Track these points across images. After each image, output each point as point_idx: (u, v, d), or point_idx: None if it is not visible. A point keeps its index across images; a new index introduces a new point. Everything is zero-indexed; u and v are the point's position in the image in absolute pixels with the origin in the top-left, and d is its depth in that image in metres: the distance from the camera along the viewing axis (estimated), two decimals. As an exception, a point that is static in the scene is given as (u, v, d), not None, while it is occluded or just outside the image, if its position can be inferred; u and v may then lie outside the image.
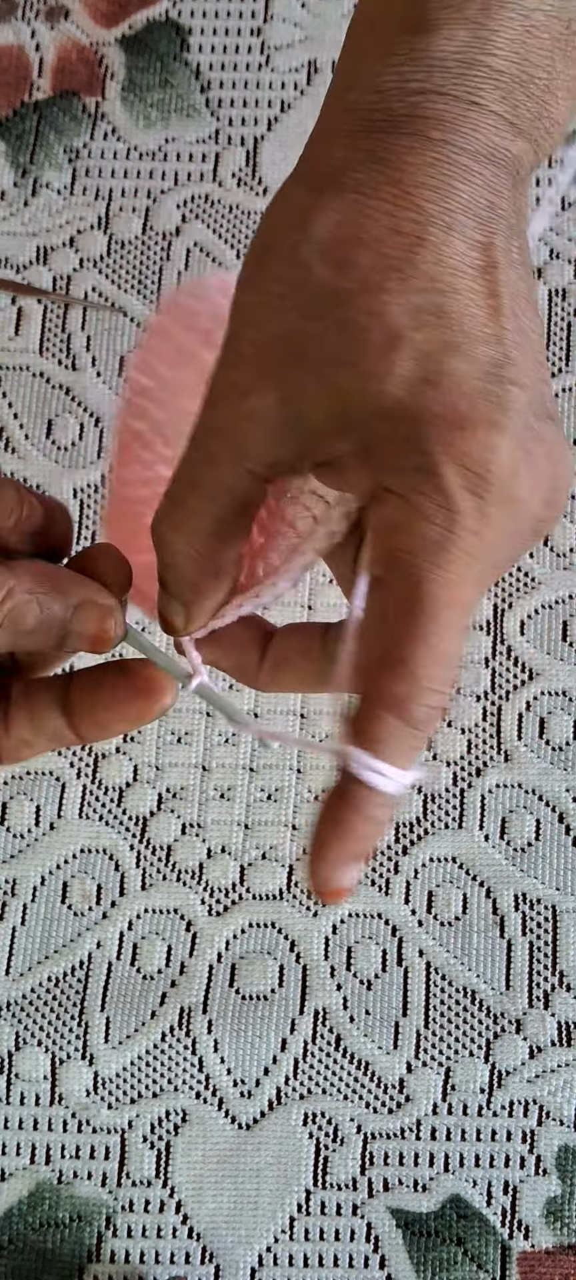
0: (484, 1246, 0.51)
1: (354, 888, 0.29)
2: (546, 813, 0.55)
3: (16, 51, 0.67)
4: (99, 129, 0.66)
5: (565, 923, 0.54)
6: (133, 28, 0.68)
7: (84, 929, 0.55)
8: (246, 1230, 0.52)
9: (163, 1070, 0.54)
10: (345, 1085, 0.53)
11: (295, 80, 0.66)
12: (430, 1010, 0.54)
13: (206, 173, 0.65)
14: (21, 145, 0.66)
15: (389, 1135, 0.53)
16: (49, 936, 0.55)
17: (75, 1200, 0.53)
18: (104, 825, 0.56)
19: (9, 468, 0.60)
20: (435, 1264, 0.51)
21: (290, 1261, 0.52)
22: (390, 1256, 0.51)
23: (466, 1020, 0.54)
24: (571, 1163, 0.52)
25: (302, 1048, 0.54)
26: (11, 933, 0.55)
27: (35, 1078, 0.54)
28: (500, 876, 0.55)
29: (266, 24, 0.67)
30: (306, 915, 0.55)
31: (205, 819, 0.56)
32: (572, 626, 0.58)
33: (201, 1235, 0.52)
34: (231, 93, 0.66)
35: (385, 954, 0.54)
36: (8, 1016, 0.54)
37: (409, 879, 0.55)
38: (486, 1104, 0.53)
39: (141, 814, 0.56)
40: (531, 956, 0.54)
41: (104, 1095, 0.53)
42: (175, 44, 0.67)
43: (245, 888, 0.55)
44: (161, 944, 0.55)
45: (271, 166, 0.64)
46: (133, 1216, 0.52)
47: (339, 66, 0.30)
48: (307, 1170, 0.53)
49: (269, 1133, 0.53)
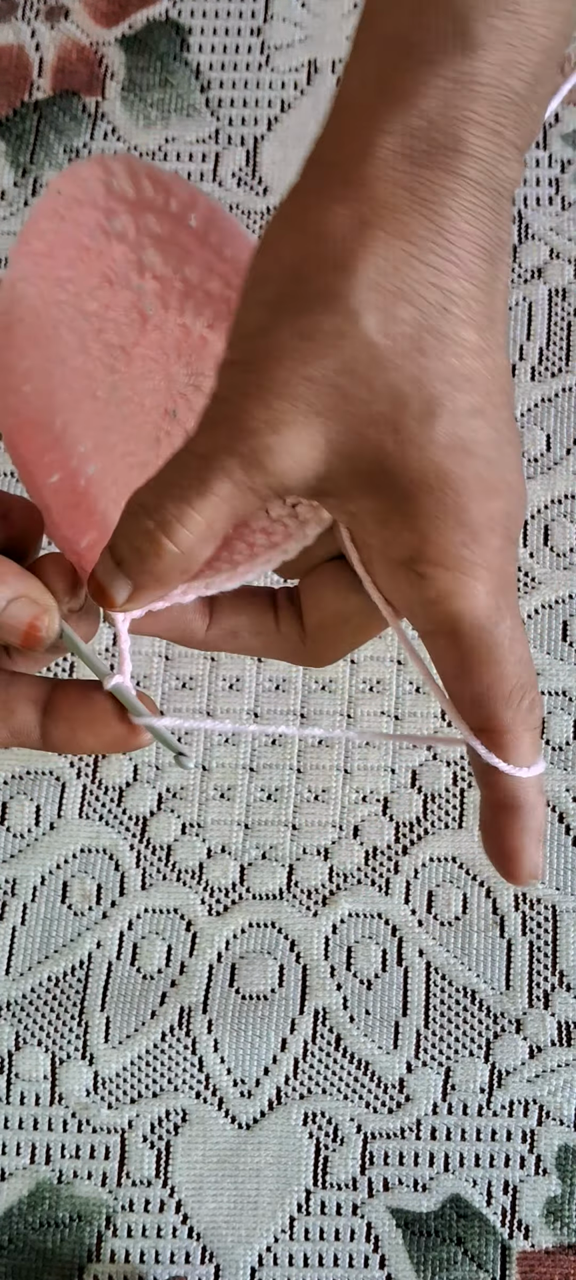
0: (484, 1246, 0.51)
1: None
2: (546, 812, 0.55)
3: (16, 51, 0.68)
4: (99, 129, 0.66)
5: (565, 923, 0.54)
6: (133, 28, 0.68)
7: (84, 929, 0.55)
8: (246, 1230, 0.52)
9: (163, 1070, 0.54)
10: (345, 1085, 0.53)
11: (295, 80, 0.66)
12: (430, 1010, 0.54)
13: (206, 173, 0.65)
14: (21, 145, 0.66)
15: (389, 1135, 0.53)
16: (49, 936, 0.55)
17: (75, 1200, 0.53)
18: (104, 825, 0.56)
19: (9, 467, 0.60)
20: (435, 1264, 0.51)
21: (290, 1261, 0.52)
22: (390, 1256, 0.52)
23: (466, 1020, 0.54)
24: (571, 1163, 0.52)
25: (302, 1048, 0.54)
26: (11, 933, 0.55)
27: (35, 1077, 0.54)
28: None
29: (266, 24, 0.67)
30: (306, 915, 0.55)
31: (205, 819, 0.56)
32: (572, 626, 0.58)
33: (201, 1235, 0.52)
34: (231, 93, 0.66)
35: (385, 954, 0.54)
36: (8, 1016, 0.54)
37: (409, 879, 0.55)
38: (486, 1104, 0.53)
39: (141, 814, 0.56)
40: (531, 956, 0.54)
41: (104, 1095, 0.54)
42: (175, 44, 0.67)
43: (245, 887, 0.55)
44: (161, 944, 0.55)
45: (271, 166, 0.64)
46: (133, 1216, 0.52)
47: (370, 63, 0.29)
48: (307, 1170, 0.53)
49: (269, 1133, 0.53)
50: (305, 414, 0.28)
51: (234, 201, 0.64)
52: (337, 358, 0.28)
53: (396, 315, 0.28)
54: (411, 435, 0.28)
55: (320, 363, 0.28)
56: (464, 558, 0.29)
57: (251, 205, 0.64)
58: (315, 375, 0.28)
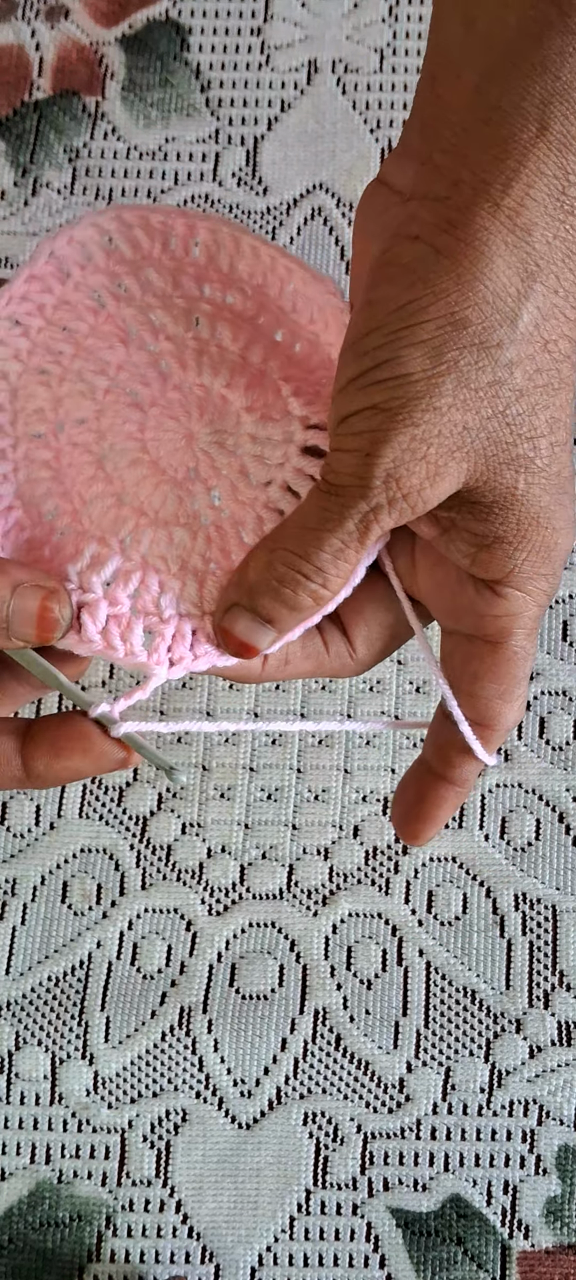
0: (484, 1246, 0.51)
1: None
2: (546, 812, 0.55)
3: (16, 51, 0.68)
4: (99, 129, 0.66)
5: (565, 923, 0.54)
6: (133, 27, 0.68)
7: (84, 929, 0.55)
8: (246, 1230, 0.52)
9: (163, 1070, 0.54)
10: (345, 1085, 0.53)
11: (295, 80, 0.66)
12: (430, 1010, 0.54)
13: (206, 172, 0.65)
14: (21, 145, 0.66)
15: (389, 1135, 0.53)
16: (49, 936, 0.55)
17: (75, 1200, 0.53)
18: (104, 825, 0.56)
19: None
20: (435, 1263, 0.51)
21: (290, 1261, 0.52)
22: (390, 1256, 0.52)
23: (466, 1020, 0.54)
24: (571, 1163, 0.52)
25: (302, 1047, 0.54)
26: (11, 932, 0.55)
27: (35, 1077, 0.54)
28: (500, 876, 0.55)
29: (266, 24, 0.67)
30: (306, 915, 0.55)
31: (205, 819, 0.56)
32: (572, 626, 0.58)
33: (201, 1235, 0.52)
34: (231, 92, 0.66)
35: (385, 954, 0.54)
36: (8, 1016, 0.54)
37: (409, 879, 0.55)
38: (486, 1104, 0.53)
39: (141, 813, 0.56)
40: (531, 956, 0.54)
41: (104, 1095, 0.54)
42: (175, 44, 0.67)
43: (245, 887, 0.55)
44: (161, 944, 0.55)
45: (271, 166, 0.64)
46: (133, 1216, 0.52)
47: (529, 90, 0.27)
48: (307, 1170, 0.53)
49: (269, 1132, 0.53)
50: (458, 461, 0.29)
51: (234, 201, 0.64)
52: (493, 406, 0.28)
53: (541, 366, 0.29)
54: (540, 477, 0.30)
55: (477, 411, 0.28)
56: (540, 587, 0.32)
57: (251, 205, 0.64)
58: (471, 424, 0.28)
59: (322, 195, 0.64)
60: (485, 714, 0.34)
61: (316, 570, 0.31)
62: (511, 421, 0.29)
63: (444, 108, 0.29)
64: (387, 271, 0.29)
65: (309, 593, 0.31)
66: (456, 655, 0.34)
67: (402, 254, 0.29)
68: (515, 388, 0.28)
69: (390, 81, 0.65)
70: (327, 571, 0.31)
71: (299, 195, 0.64)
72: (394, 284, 0.29)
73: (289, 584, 0.31)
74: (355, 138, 0.65)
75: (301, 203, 0.63)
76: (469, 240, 0.28)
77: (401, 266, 0.29)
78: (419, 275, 0.28)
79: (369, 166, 0.64)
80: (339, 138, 0.65)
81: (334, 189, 0.64)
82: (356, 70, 0.66)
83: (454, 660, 0.34)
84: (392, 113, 0.65)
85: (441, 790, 0.36)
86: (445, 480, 0.29)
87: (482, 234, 0.28)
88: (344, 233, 0.63)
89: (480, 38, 0.28)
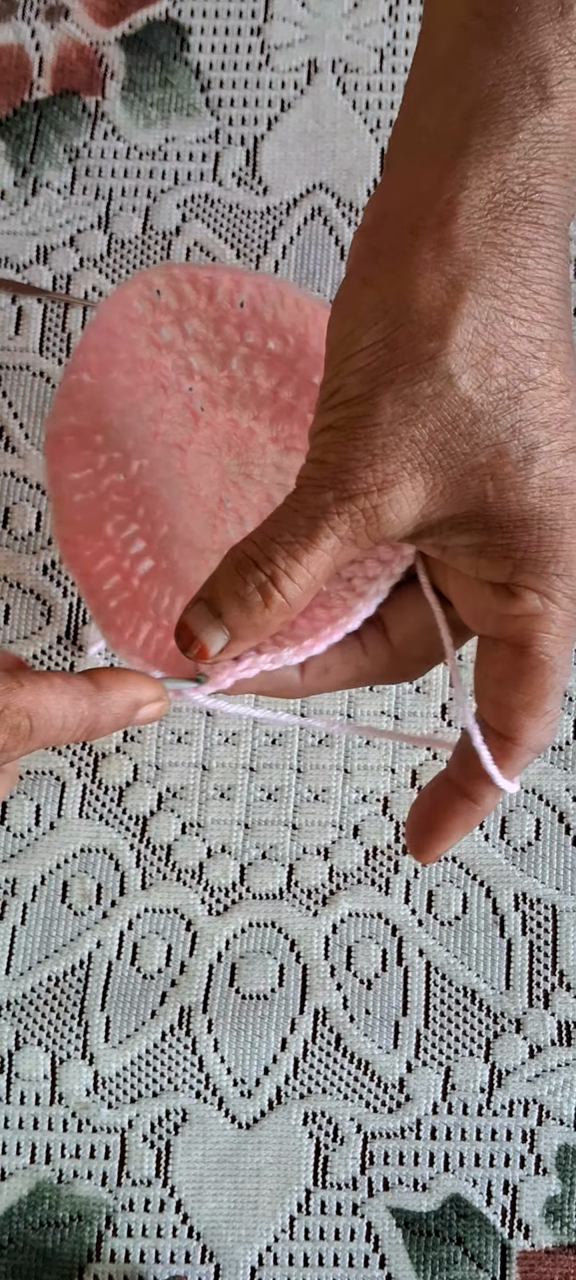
0: (484, 1246, 0.51)
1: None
2: (546, 812, 0.55)
3: (16, 51, 0.68)
4: (99, 128, 0.66)
5: (565, 922, 0.54)
6: (133, 27, 0.68)
7: (84, 928, 0.55)
8: (246, 1230, 0.52)
9: (163, 1070, 0.54)
10: (345, 1085, 0.53)
11: (295, 80, 0.66)
12: (430, 1010, 0.54)
13: (206, 172, 0.65)
14: (21, 145, 0.66)
15: (389, 1135, 0.53)
16: (49, 936, 0.55)
17: (75, 1200, 0.53)
18: (104, 825, 0.56)
19: (9, 467, 0.60)
20: (435, 1263, 0.51)
21: (290, 1261, 0.52)
22: (390, 1256, 0.52)
23: (466, 1020, 0.54)
24: (571, 1162, 0.52)
25: (302, 1047, 0.54)
26: (11, 932, 0.55)
27: (35, 1077, 0.54)
28: (500, 876, 0.55)
29: (266, 24, 0.67)
30: (306, 915, 0.55)
31: (205, 818, 0.56)
32: (572, 626, 0.58)
33: (201, 1235, 0.52)
34: (231, 92, 0.66)
35: (385, 954, 0.54)
36: (8, 1016, 0.54)
37: (409, 878, 0.55)
38: (486, 1103, 0.53)
39: (141, 813, 0.56)
40: (531, 956, 0.54)
41: (104, 1095, 0.54)
42: (175, 44, 0.67)
43: (245, 887, 0.55)
44: (161, 943, 0.55)
45: (271, 166, 0.64)
46: (133, 1216, 0.52)
47: (447, 117, 0.29)
48: (307, 1170, 0.53)
49: (269, 1132, 0.53)
50: (410, 472, 0.30)
51: (234, 201, 0.64)
52: (438, 418, 0.29)
53: (491, 370, 0.29)
54: (511, 481, 0.30)
55: (422, 425, 0.29)
56: (555, 585, 0.31)
57: (251, 205, 0.64)
58: (418, 436, 0.29)
59: (322, 195, 0.64)
60: (508, 724, 0.34)
61: (266, 560, 0.31)
62: (464, 432, 0.29)
63: (390, 141, 0.32)
64: (335, 309, 0.32)
65: (258, 584, 0.32)
66: (485, 660, 0.34)
67: (341, 291, 0.31)
68: (461, 398, 0.29)
69: (390, 81, 0.65)
70: (277, 564, 0.31)
71: (299, 195, 0.64)
72: (335, 320, 0.31)
73: (241, 571, 0.32)
74: (355, 138, 0.65)
75: (301, 202, 0.63)
76: (391, 265, 0.29)
77: (339, 303, 0.31)
78: (350, 310, 0.30)
79: (369, 166, 0.64)
80: (339, 138, 0.65)
81: (334, 189, 0.64)
82: (356, 70, 0.66)
83: (483, 665, 0.35)
84: (392, 113, 0.65)
85: (456, 802, 0.36)
86: (399, 489, 0.30)
87: (403, 256, 0.29)
88: (344, 233, 0.63)
89: (419, 62, 0.31)
